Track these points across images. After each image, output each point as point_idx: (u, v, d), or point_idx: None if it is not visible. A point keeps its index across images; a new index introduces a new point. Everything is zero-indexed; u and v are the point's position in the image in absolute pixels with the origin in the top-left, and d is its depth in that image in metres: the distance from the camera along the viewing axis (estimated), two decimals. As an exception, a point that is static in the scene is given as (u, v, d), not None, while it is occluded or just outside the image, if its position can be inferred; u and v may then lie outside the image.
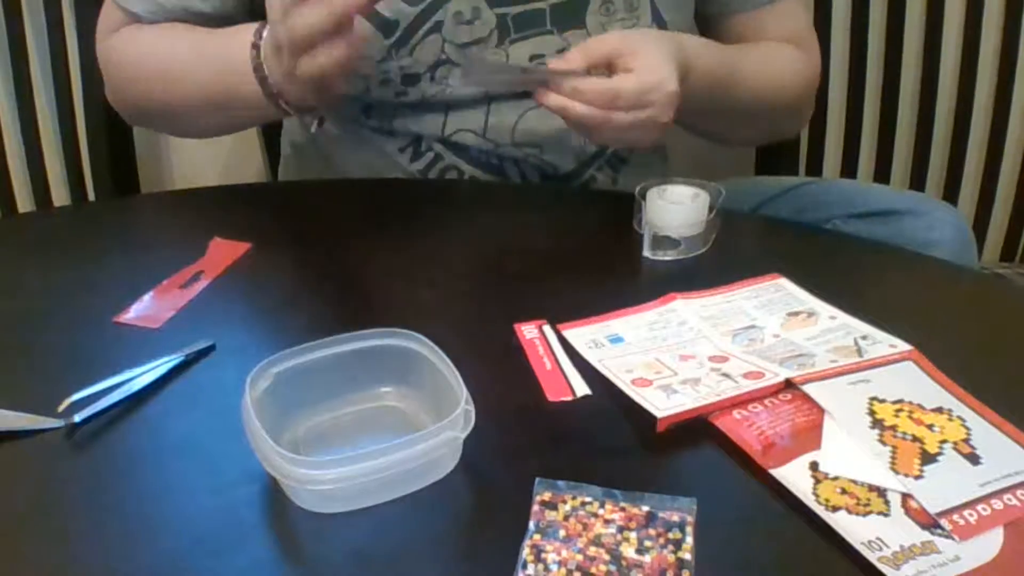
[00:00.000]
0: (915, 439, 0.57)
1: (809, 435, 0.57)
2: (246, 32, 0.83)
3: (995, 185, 1.39)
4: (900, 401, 0.60)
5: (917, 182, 1.41)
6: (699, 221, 0.80)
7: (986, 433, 0.57)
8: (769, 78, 0.97)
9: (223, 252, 0.79)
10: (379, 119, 0.95)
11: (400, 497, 0.53)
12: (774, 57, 0.99)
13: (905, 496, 0.53)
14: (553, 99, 0.76)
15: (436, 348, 0.58)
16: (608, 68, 0.77)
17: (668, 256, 0.79)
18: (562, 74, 0.76)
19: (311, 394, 0.58)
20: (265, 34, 0.81)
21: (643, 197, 0.81)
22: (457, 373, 0.55)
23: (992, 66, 1.35)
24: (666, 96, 0.77)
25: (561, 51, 0.91)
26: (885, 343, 0.66)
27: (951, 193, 1.40)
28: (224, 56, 0.86)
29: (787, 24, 1.02)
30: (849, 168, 1.41)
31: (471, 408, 0.53)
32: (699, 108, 0.87)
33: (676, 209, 0.79)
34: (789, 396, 0.61)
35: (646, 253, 0.80)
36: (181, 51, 0.91)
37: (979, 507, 0.52)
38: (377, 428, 0.59)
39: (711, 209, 0.80)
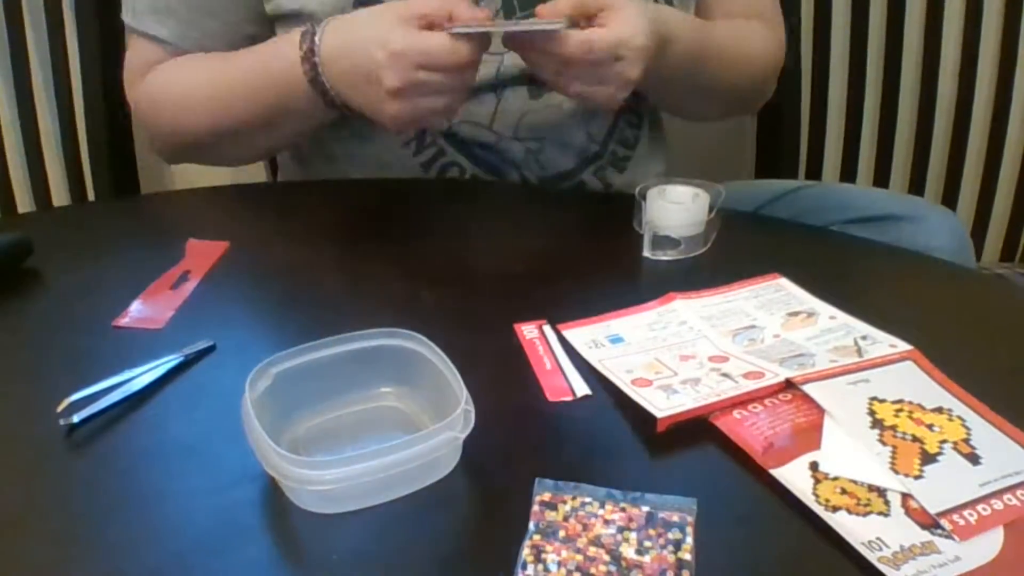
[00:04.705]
0: (915, 439, 0.57)
1: (809, 435, 0.57)
2: (288, 46, 0.83)
3: (995, 185, 1.39)
4: (900, 401, 0.60)
5: (917, 182, 1.41)
6: (699, 221, 0.80)
7: (986, 433, 0.57)
8: (738, 54, 0.98)
9: (203, 252, 0.80)
10: None
11: (400, 497, 0.53)
12: (744, 33, 1.00)
13: (905, 496, 0.53)
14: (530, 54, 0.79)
15: (436, 348, 0.58)
16: (587, 21, 0.78)
17: (668, 256, 0.79)
18: (541, 32, 0.77)
19: (311, 394, 0.58)
20: (334, 52, 0.80)
21: (643, 197, 0.81)
22: (457, 373, 0.55)
23: (992, 66, 1.35)
24: (635, 51, 0.77)
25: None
26: (885, 343, 0.66)
27: (951, 193, 1.40)
28: (270, 72, 0.86)
29: None
30: (849, 169, 1.41)
31: (471, 408, 0.53)
32: (673, 81, 0.89)
33: (676, 209, 0.79)
34: (789, 396, 0.61)
35: (646, 253, 0.80)
36: (226, 75, 0.91)
37: (979, 507, 0.52)
38: (377, 428, 0.59)
39: (711, 209, 0.80)
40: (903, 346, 0.65)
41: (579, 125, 0.97)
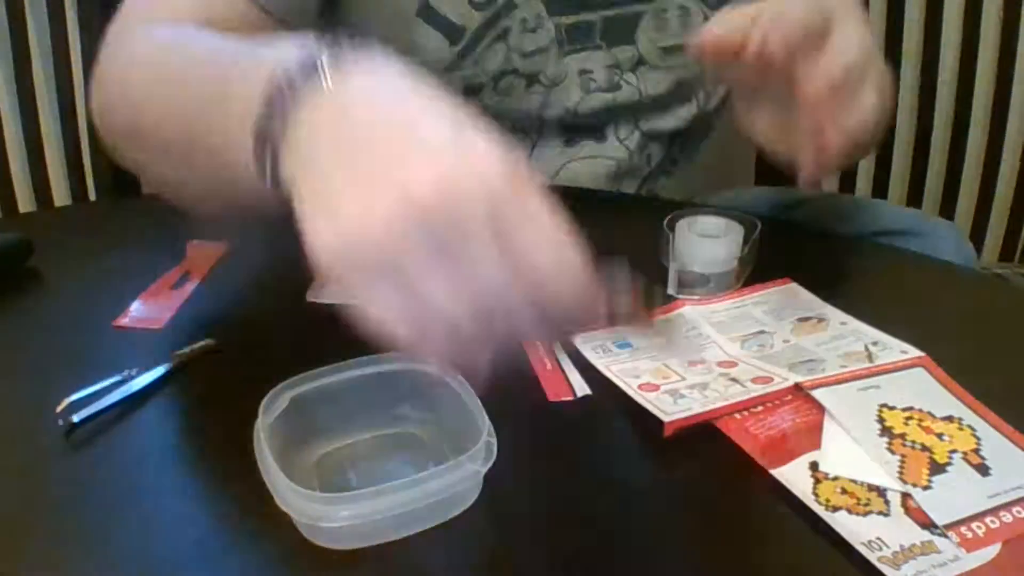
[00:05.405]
0: (924, 448, 0.56)
1: (809, 435, 0.57)
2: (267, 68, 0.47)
3: (994, 185, 1.39)
4: (910, 408, 0.59)
5: (917, 181, 1.41)
6: (731, 257, 0.72)
7: (996, 443, 0.57)
8: None
9: (203, 253, 0.79)
10: None
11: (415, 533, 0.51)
12: None
13: (905, 496, 0.53)
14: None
15: (457, 373, 0.55)
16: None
17: (696, 295, 0.72)
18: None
19: (328, 418, 0.56)
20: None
21: (671, 229, 0.73)
22: (479, 401, 0.53)
23: (991, 65, 1.35)
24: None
25: (611, 67, 0.88)
26: (896, 349, 0.65)
27: (950, 193, 1.40)
28: (224, 84, 0.53)
29: None
30: (849, 169, 1.41)
31: (493, 439, 0.51)
32: None
33: (706, 243, 0.72)
34: (789, 397, 0.61)
35: (671, 291, 0.73)
36: (189, 51, 0.62)
37: (987, 519, 0.51)
38: (395, 455, 0.57)
39: (745, 243, 0.73)
40: (914, 352, 0.65)
41: (612, 183, 0.94)
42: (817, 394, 0.60)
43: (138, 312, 0.71)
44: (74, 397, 0.59)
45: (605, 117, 0.92)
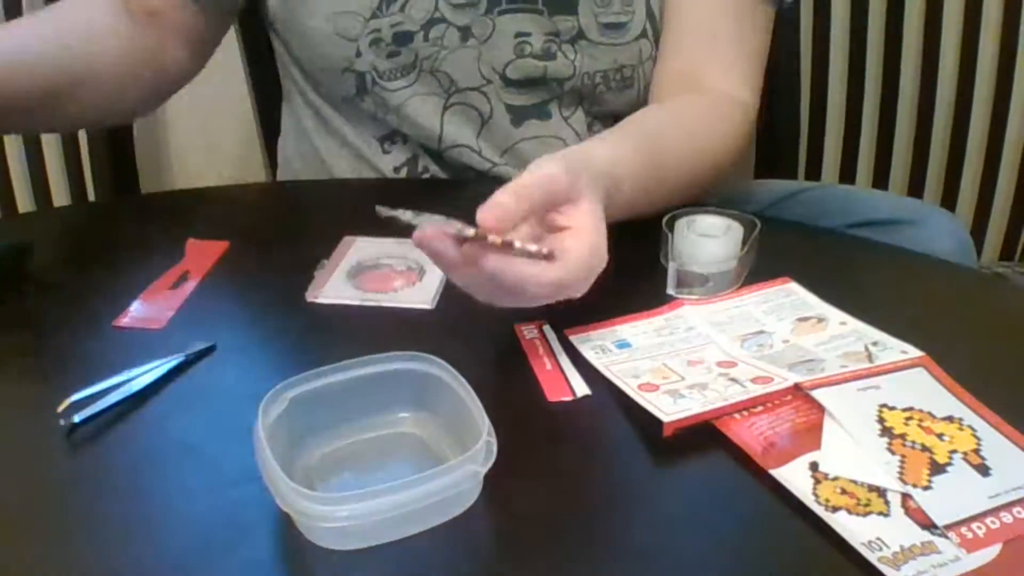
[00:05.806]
0: (924, 448, 0.56)
1: (809, 435, 0.57)
2: None
3: (994, 183, 1.39)
4: (910, 409, 0.59)
5: (917, 180, 1.41)
6: (731, 256, 0.73)
7: (997, 443, 0.56)
8: (694, 165, 0.84)
9: (202, 252, 0.79)
10: (372, 127, 0.95)
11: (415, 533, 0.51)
12: (699, 140, 0.85)
13: (905, 496, 0.53)
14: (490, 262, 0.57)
15: (456, 373, 0.56)
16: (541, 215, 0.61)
17: (694, 295, 0.72)
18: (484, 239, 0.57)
19: (327, 419, 0.56)
20: None
21: (670, 229, 0.74)
22: (478, 401, 0.53)
23: (991, 64, 1.35)
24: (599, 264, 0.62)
25: (549, 35, 0.90)
26: (896, 349, 0.65)
27: (950, 192, 1.40)
28: None
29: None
30: (849, 168, 1.41)
31: (493, 439, 0.51)
32: (624, 217, 0.72)
33: (706, 243, 0.72)
34: (789, 397, 0.61)
35: (670, 291, 0.73)
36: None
37: (988, 520, 0.51)
38: (394, 455, 0.57)
39: (744, 243, 0.74)
40: (914, 352, 0.65)
41: None
42: (817, 394, 0.60)
43: (138, 312, 0.71)
44: (74, 397, 0.59)
45: (542, 92, 0.93)
